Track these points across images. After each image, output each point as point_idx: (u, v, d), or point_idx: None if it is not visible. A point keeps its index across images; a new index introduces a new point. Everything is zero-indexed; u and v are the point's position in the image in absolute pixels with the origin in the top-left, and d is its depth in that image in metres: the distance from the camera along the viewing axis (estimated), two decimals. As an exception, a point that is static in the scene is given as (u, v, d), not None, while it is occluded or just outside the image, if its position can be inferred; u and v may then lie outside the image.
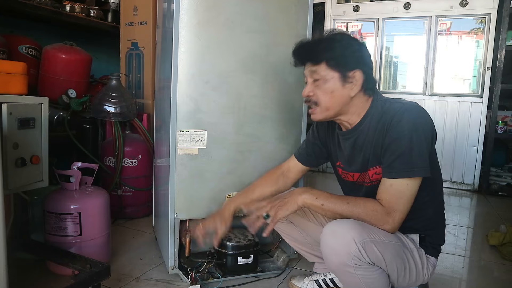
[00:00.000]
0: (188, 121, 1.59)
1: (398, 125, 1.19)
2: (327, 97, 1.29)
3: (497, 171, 3.81)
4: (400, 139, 1.18)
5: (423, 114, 1.22)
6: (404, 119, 1.19)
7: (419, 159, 1.16)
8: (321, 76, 1.28)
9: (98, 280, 1.39)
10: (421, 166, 1.17)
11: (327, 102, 1.30)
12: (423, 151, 1.17)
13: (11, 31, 2.63)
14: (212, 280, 1.66)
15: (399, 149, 1.18)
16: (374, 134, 1.27)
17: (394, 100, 1.30)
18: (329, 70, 1.27)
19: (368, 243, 1.13)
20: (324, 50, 1.27)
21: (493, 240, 2.26)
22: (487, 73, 3.61)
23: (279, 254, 1.86)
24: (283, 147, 1.77)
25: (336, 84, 1.28)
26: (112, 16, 3.17)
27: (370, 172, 1.30)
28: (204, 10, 1.56)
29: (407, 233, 1.30)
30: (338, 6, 4.18)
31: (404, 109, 1.21)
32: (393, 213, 1.18)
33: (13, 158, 1.31)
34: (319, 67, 1.29)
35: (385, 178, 1.21)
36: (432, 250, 1.31)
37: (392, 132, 1.20)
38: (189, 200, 1.64)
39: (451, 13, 3.72)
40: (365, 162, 1.31)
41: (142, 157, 2.46)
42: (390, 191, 1.19)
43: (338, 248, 1.14)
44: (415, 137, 1.17)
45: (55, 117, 2.31)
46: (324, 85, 1.29)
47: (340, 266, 1.16)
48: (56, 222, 1.61)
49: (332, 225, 1.18)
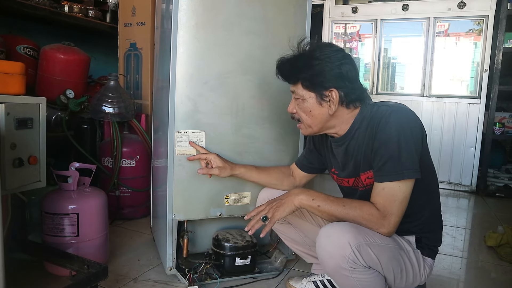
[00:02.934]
0: (186, 122, 1.59)
1: (385, 128, 1.19)
2: (306, 115, 1.32)
3: (495, 172, 3.82)
4: (388, 142, 1.18)
5: (410, 115, 1.22)
6: (390, 122, 1.19)
7: (408, 161, 1.16)
8: (300, 96, 1.30)
9: (95, 281, 1.38)
10: (411, 168, 1.17)
11: (308, 120, 1.32)
12: (412, 153, 1.17)
13: (9, 31, 2.63)
14: (210, 281, 1.66)
15: (388, 153, 1.18)
16: (363, 139, 1.27)
17: (381, 103, 1.29)
18: (305, 91, 1.29)
19: (364, 246, 1.13)
20: (299, 70, 1.28)
21: (490, 241, 2.26)
22: (484, 74, 3.62)
23: (277, 255, 1.86)
24: (280, 148, 1.77)
25: (313, 104, 1.29)
26: (110, 17, 3.17)
27: (362, 176, 1.30)
28: (202, 11, 1.56)
29: (403, 235, 1.30)
30: (337, 7, 4.19)
31: (390, 111, 1.21)
32: (389, 216, 1.18)
33: (10, 158, 1.30)
34: (296, 87, 1.31)
35: (377, 182, 1.21)
36: (428, 251, 1.32)
37: (380, 136, 1.20)
38: (187, 201, 1.64)
39: (449, 14, 3.73)
40: (357, 167, 1.32)
41: (140, 157, 2.46)
42: (383, 194, 1.19)
43: (333, 252, 1.15)
44: (403, 139, 1.16)
45: (53, 117, 2.31)
46: (303, 104, 1.31)
47: (335, 269, 1.16)
48: (54, 222, 1.61)
49: (328, 228, 1.18)
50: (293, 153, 1.79)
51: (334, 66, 1.24)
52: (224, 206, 1.70)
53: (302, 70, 1.27)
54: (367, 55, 4.25)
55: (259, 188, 1.71)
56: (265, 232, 1.29)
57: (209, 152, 1.59)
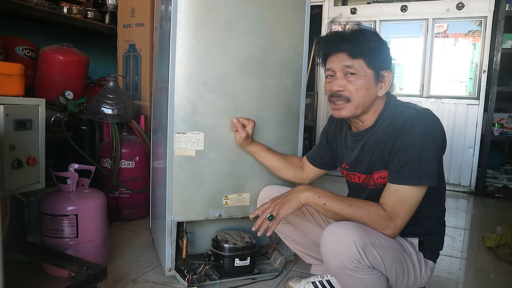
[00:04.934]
0: (186, 123, 1.59)
1: (410, 131, 1.18)
2: (361, 93, 1.25)
3: (494, 173, 3.83)
4: (411, 146, 1.17)
5: (436, 122, 1.21)
6: (416, 126, 1.17)
7: (428, 167, 1.16)
8: (357, 72, 1.24)
9: (94, 282, 1.38)
10: (429, 175, 1.16)
11: (361, 98, 1.25)
12: (432, 160, 1.17)
13: (8, 32, 2.62)
14: (209, 282, 1.66)
15: (408, 156, 1.17)
16: (383, 138, 1.26)
17: (407, 104, 1.28)
18: (365, 67, 1.24)
19: (369, 247, 1.12)
20: (363, 44, 1.23)
21: (489, 242, 2.26)
22: (483, 75, 3.63)
23: (276, 256, 1.85)
24: (280, 149, 1.77)
25: (370, 82, 1.25)
26: (109, 18, 3.17)
27: (375, 175, 1.29)
28: (201, 12, 1.56)
29: (406, 237, 1.29)
30: (336, 8, 4.19)
31: (417, 115, 1.20)
32: (395, 218, 1.18)
33: (9, 159, 1.30)
34: (355, 61, 1.24)
35: (390, 183, 1.20)
36: (430, 254, 1.31)
37: (403, 138, 1.19)
38: (186, 202, 1.64)
39: (448, 15, 3.73)
40: (371, 165, 1.31)
41: (139, 159, 2.46)
42: (395, 196, 1.18)
43: (338, 251, 1.13)
44: (426, 145, 1.15)
45: (52, 118, 2.31)
46: (359, 81, 1.24)
47: (339, 268, 1.15)
48: (53, 223, 1.61)
49: (333, 227, 1.17)
50: (293, 154, 1.79)
51: (388, 49, 1.27)
52: (223, 207, 1.70)
53: (369, 44, 1.24)
54: (366, 56, 4.24)
55: (258, 189, 1.71)
56: (271, 230, 1.27)
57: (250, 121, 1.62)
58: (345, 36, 1.27)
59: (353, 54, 1.24)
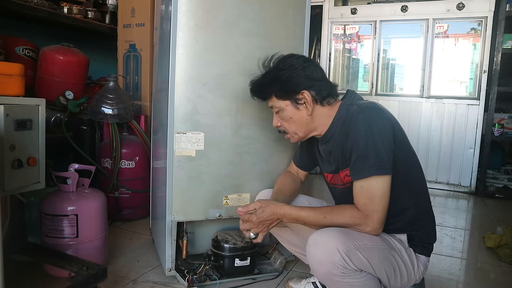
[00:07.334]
0: (186, 123, 1.59)
1: (354, 127, 1.23)
2: (289, 123, 1.38)
3: (494, 173, 3.82)
4: (358, 141, 1.22)
5: (378, 114, 1.25)
6: (359, 121, 1.23)
7: (378, 157, 1.19)
8: (278, 107, 1.37)
9: (94, 282, 1.38)
10: (378, 165, 1.19)
11: (292, 127, 1.38)
12: (380, 151, 1.19)
13: (8, 32, 2.63)
14: (209, 282, 1.66)
15: (358, 151, 1.22)
16: (339, 138, 1.32)
17: (356, 102, 1.33)
18: (280, 101, 1.35)
19: (353, 250, 1.14)
20: (269, 85, 1.36)
21: (489, 242, 2.26)
22: (483, 75, 3.63)
23: (276, 256, 1.85)
24: (280, 149, 1.77)
25: (291, 111, 1.35)
26: (109, 18, 3.17)
27: (341, 174, 1.34)
28: (201, 13, 1.56)
29: (393, 233, 1.30)
30: (336, 8, 4.19)
31: (359, 110, 1.26)
32: (371, 214, 1.19)
33: (9, 159, 1.30)
34: (272, 101, 1.38)
35: (354, 182, 1.24)
36: (422, 249, 1.32)
37: (350, 135, 1.25)
38: (186, 202, 1.64)
39: (448, 16, 3.74)
40: (337, 165, 1.36)
41: (140, 159, 2.46)
42: (362, 193, 1.21)
43: (322, 258, 1.16)
44: (370, 138, 1.20)
45: (52, 118, 2.31)
46: (283, 114, 1.37)
47: (327, 275, 1.18)
48: (53, 224, 1.61)
49: (315, 236, 1.20)
50: (292, 154, 1.79)
51: (298, 71, 1.32)
52: (223, 207, 1.70)
53: (271, 85, 1.35)
54: (366, 56, 4.25)
55: (258, 189, 1.71)
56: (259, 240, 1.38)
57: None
58: (256, 84, 1.41)
59: (265, 98, 1.41)
